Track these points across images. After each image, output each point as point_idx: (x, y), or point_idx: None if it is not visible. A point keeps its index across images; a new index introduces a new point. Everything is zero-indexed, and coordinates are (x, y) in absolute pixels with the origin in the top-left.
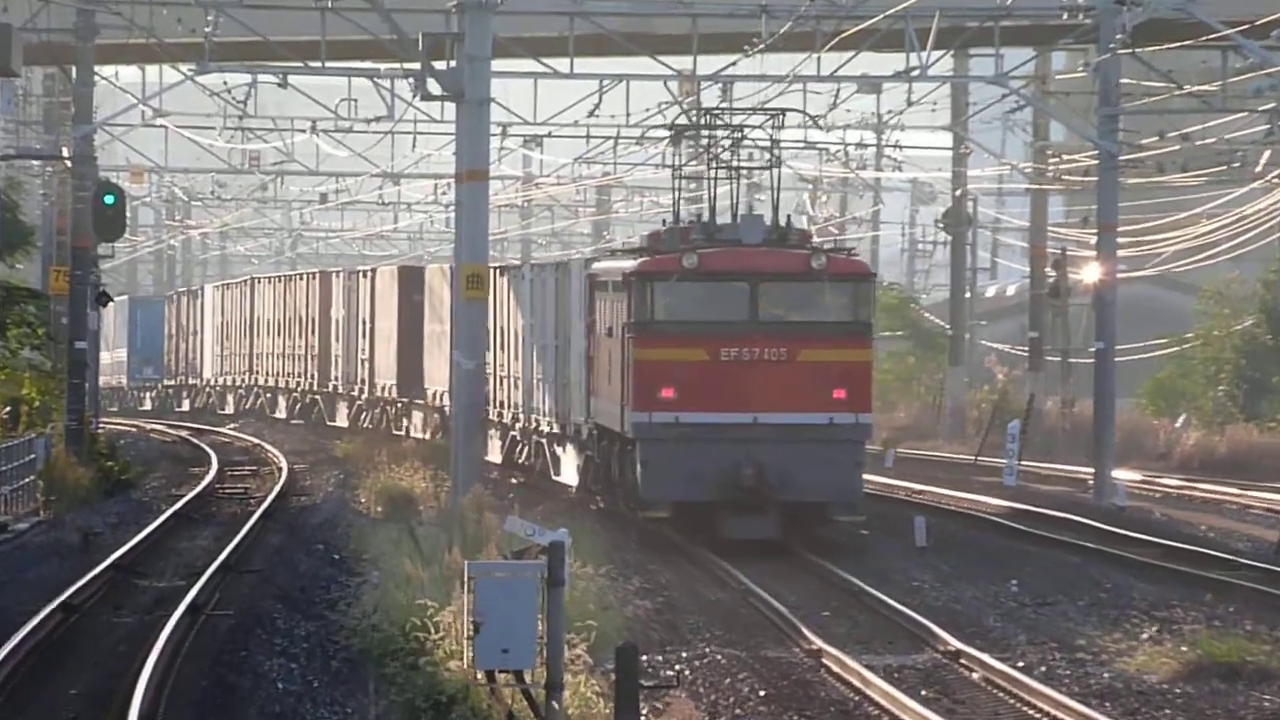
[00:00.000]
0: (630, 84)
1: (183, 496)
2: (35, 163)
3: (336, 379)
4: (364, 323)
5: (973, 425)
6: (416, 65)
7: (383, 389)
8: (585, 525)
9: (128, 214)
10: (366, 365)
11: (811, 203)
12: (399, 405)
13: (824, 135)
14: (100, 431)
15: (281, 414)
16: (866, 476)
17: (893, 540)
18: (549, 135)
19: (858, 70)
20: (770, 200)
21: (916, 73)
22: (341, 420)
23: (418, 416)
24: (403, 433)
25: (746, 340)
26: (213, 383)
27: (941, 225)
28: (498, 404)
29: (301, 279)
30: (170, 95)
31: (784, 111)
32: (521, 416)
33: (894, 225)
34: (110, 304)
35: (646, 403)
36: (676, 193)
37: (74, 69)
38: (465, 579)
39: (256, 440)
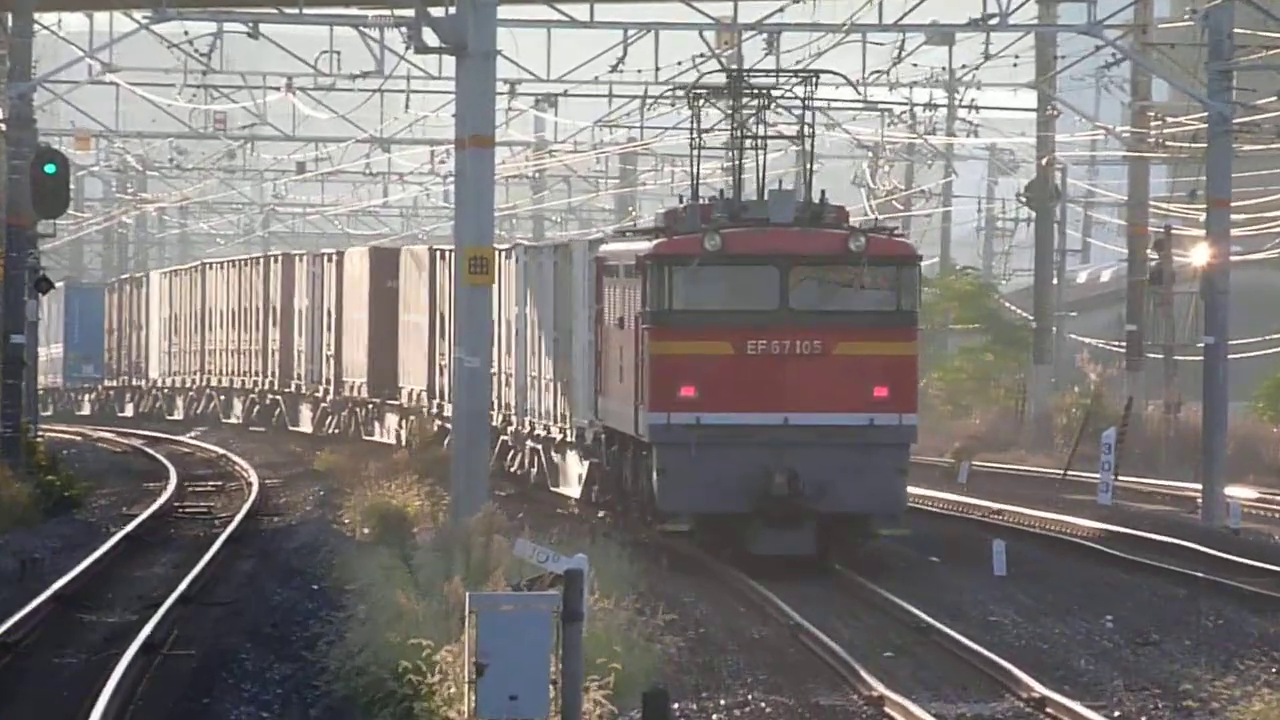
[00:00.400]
0: (659, 34)
1: (136, 516)
2: None
3: (299, 378)
4: (330, 313)
5: (1061, 434)
6: (409, 11)
7: (352, 388)
8: (606, 548)
9: (72, 186)
10: (333, 362)
11: (872, 173)
12: (370, 407)
13: (886, 94)
14: (40, 440)
15: (237, 418)
16: (937, 494)
17: (966, 568)
18: (565, 94)
19: (926, 17)
20: (805, 174)
21: (995, 20)
22: (305, 425)
23: (391, 420)
24: (374, 438)
25: (776, 331)
26: (160, 384)
27: (1024, 199)
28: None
29: (260, 263)
30: (122, 47)
31: (818, 74)
32: (514, 419)
33: (969, 199)
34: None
35: (664, 402)
36: (695, 165)
37: (8, 16)
38: (467, 613)
39: (221, 451)
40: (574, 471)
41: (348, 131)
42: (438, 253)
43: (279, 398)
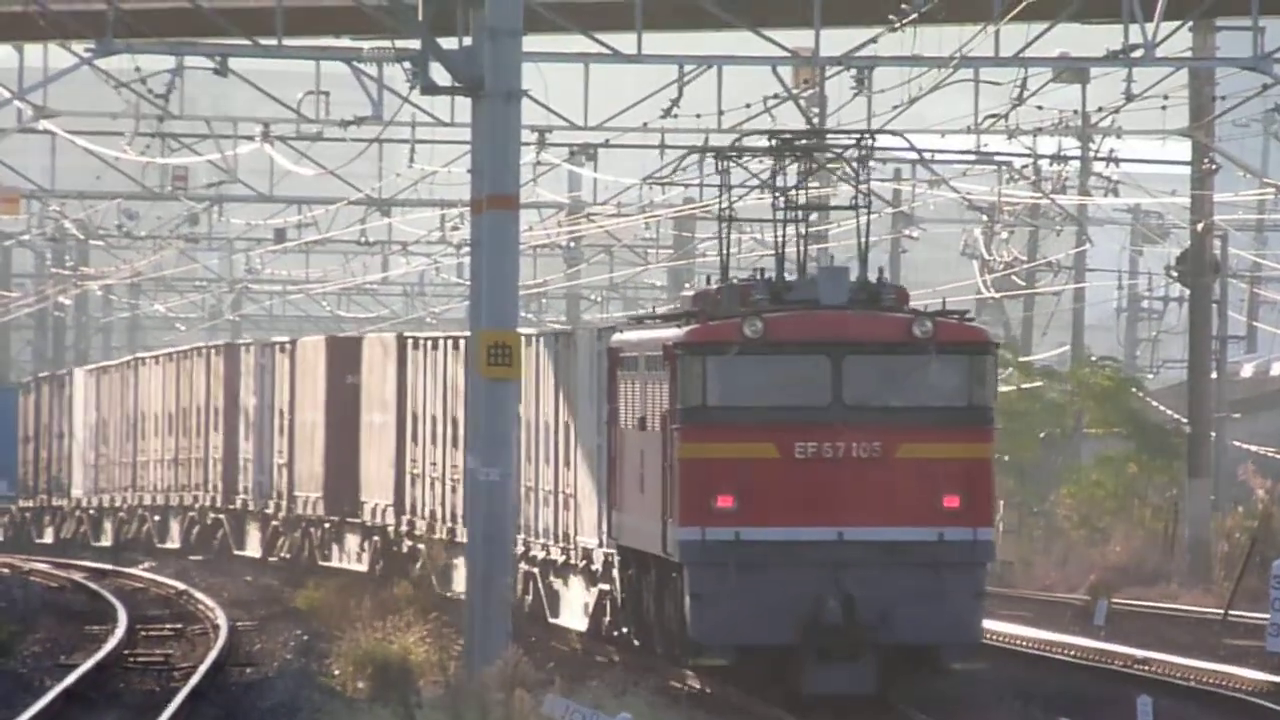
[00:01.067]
0: (723, 70)
1: (76, 666)
2: None
3: (246, 492)
4: (282, 413)
5: (1221, 564)
6: (414, 43)
7: (305, 505)
8: (656, 704)
9: None
10: (285, 472)
11: (986, 241)
12: (326, 527)
13: (1004, 144)
14: None
15: (174, 543)
16: (1067, 639)
17: None
18: (606, 145)
19: (1053, 50)
20: (861, 249)
21: (1139, 53)
22: (253, 549)
23: (351, 542)
24: (332, 563)
25: (829, 431)
26: (84, 504)
27: (1176, 274)
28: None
29: (200, 355)
30: (59, 87)
31: (873, 134)
32: None
33: (1107, 274)
34: None
35: (697, 515)
36: (724, 241)
37: None
38: None
39: (181, 586)
40: (579, 600)
41: (338, 191)
42: (409, 340)
43: (221, 517)
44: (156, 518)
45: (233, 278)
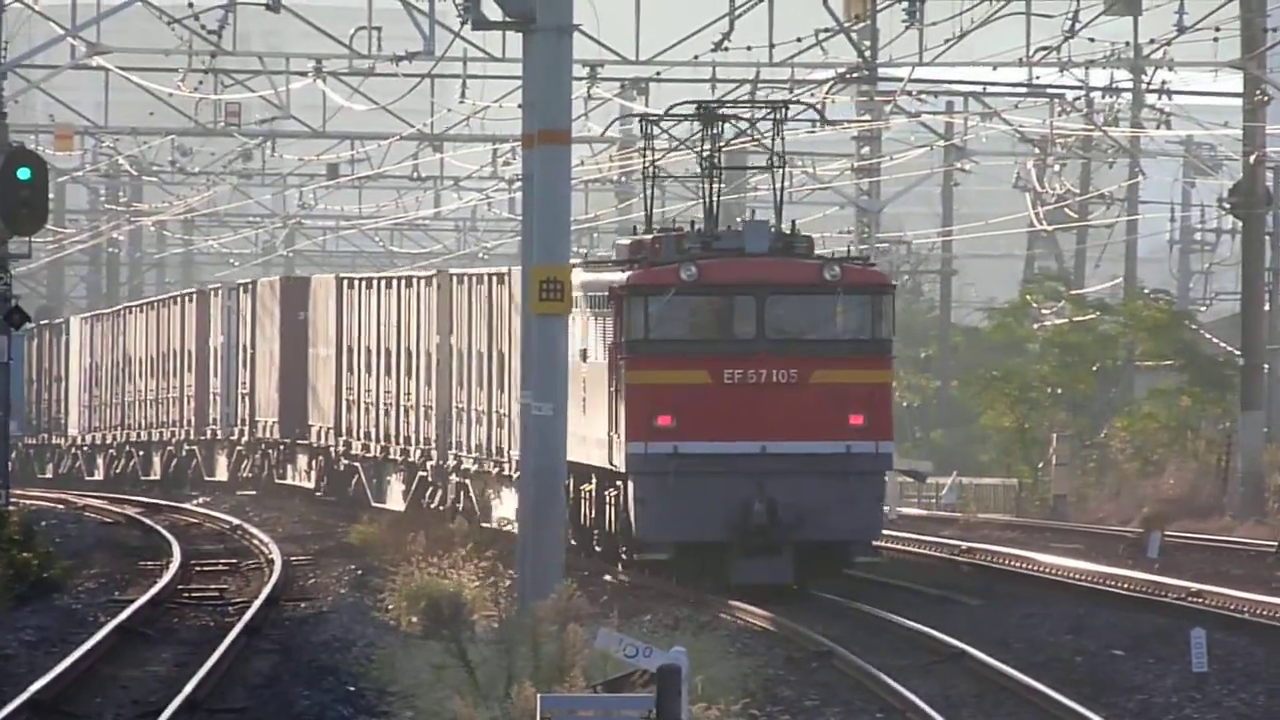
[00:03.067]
0: (774, 3)
1: (130, 602)
2: None
3: (215, 423)
4: (245, 350)
5: (1275, 496)
6: None
7: (264, 429)
8: (710, 640)
9: (51, 195)
10: (247, 401)
11: (1039, 174)
12: (281, 449)
13: (1055, 76)
14: (12, 509)
15: (155, 475)
16: (1120, 571)
17: (1158, 663)
18: (657, 78)
19: None
20: (776, 204)
21: None
22: (221, 474)
23: (302, 461)
24: (286, 480)
25: (753, 360)
26: (79, 441)
27: (1228, 206)
28: (402, 439)
29: (176, 302)
30: (111, 24)
31: (786, 105)
32: (435, 454)
33: (1159, 206)
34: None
35: (642, 432)
36: (649, 196)
37: None
38: None
39: (236, 521)
40: (510, 505)
41: (390, 126)
42: (344, 281)
43: (194, 447)
44: (141, 453)
45: (285, 213)
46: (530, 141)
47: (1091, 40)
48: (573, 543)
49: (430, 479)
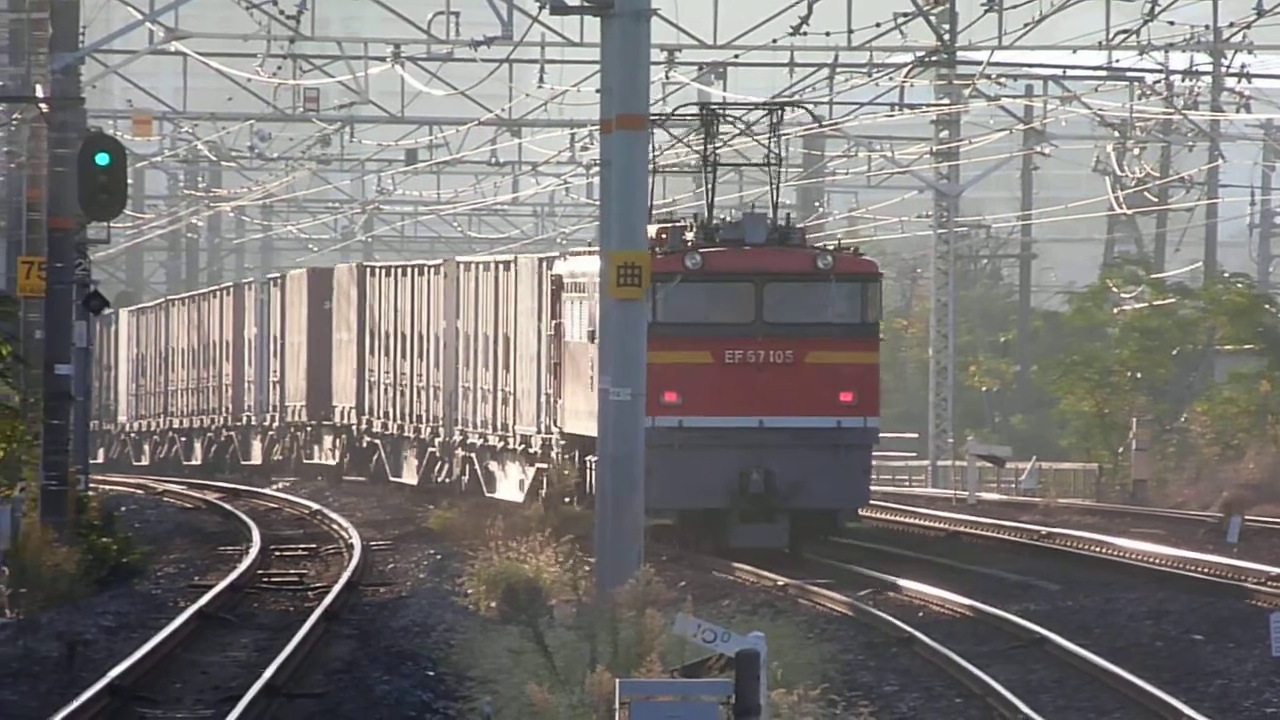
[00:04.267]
0: None
1: (209, 588)
2: None
3: (249, 409)
4: (276, 339)
5: None
6: None
7: (293, 413)
8: (788, 625)
9: (130, 180)
10: (278, 388)
11: (1118, 157)
12: (309, 430)
13: (1135, 60)
14: (92, 495)
15: (197, 460)
16: (1199, 556)
17: (1237, 648)
18: (735, 62)
19: None
20: (774, 198)
21: None
22: (256, 458)
23: (327, 440)
24: (314, 460)
25: (752, 342)
26: (128, 428)
27: None
28: (414, 418)
29: (215, 296)
30: (190, 9)
31: (783, 106)
32: (442, 431)
33: (1239, 189)
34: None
35: (650, 407)
36: (652, 188)
37: None
38: (617, 705)
39: (315, 506)
40: (515, 478)
41: (469, 112)
42: (367, 269)
43: (231, 433)
44: (183, 439)
45: (364, 199)
46: (608, 126)
47: (1171, 23)
48: (576, 508)
49: (439, 454)
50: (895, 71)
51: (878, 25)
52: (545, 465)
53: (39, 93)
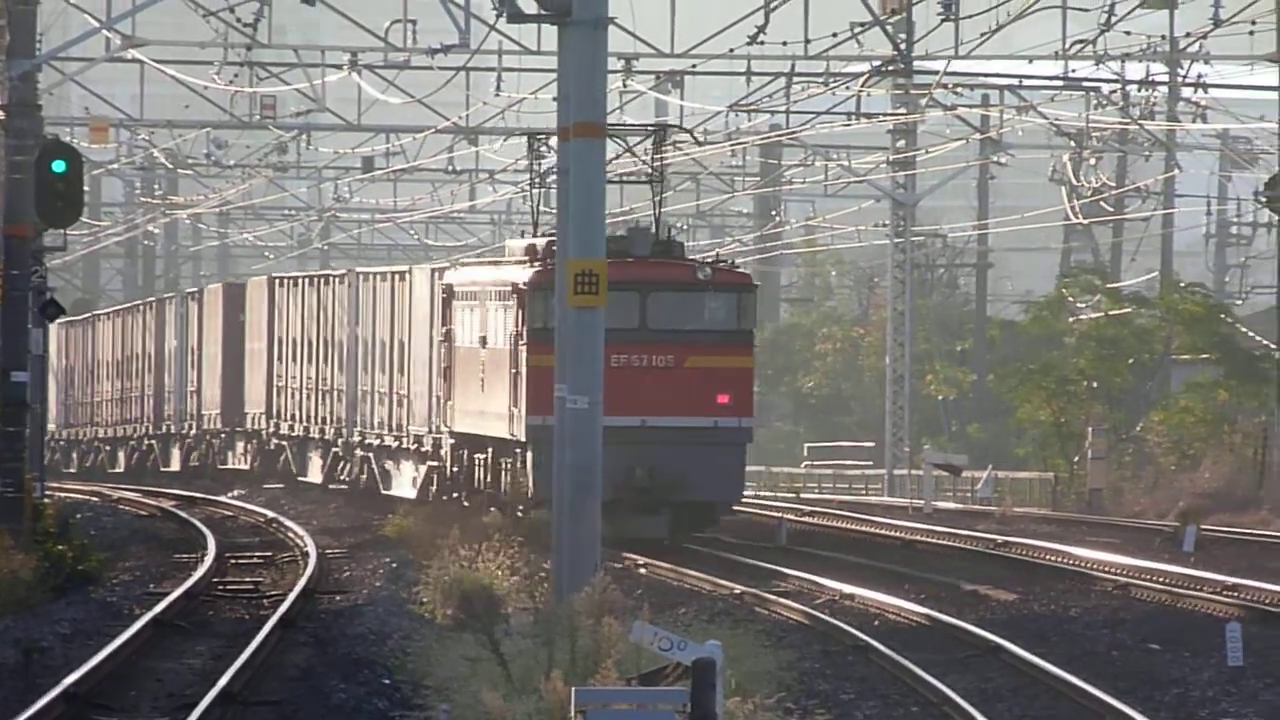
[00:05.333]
0: None
1: (165, 595)
2: None
3: (169, 418)
4: (194, 351)
5: None
6: None
7: (209, 420)
8: (744, 634)
9: (86, 188)
10: (195, 398)
11: (1075, 167)
12: (223, 436)
13: (1091, 69)
14: (48, 501)
15: (121, 468)
16: (1156, 565)
17: (1193, 657)
18: (692, 71)
19: None
20: (656, 212)
21: None
22: (175, 465)
23: (239, 446)
24: (227, 465)
25: (636, 347)
26: (56, 437)
27: (1264, 200)
28: (319, 420)
29: (138, 310)
30: (147, 16)
31: (663, 128)
32: (344, 432)
33: (1196, 200)
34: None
35: (539, 407)
36: (535, 204)
37: None
38: (573, 713)
39: (271, 514)
40: (408, 475)
41: (426, 119)
42: (276, 281)
43: (153, 441)
44: (108, 448)
45: (321, 206)
46: (566, 135)
47: (1128, 33)
48: (465, 504)
49: (341, 454)
50: (852, 81)
51: (834, 35)
52: (436, 463)
53: None
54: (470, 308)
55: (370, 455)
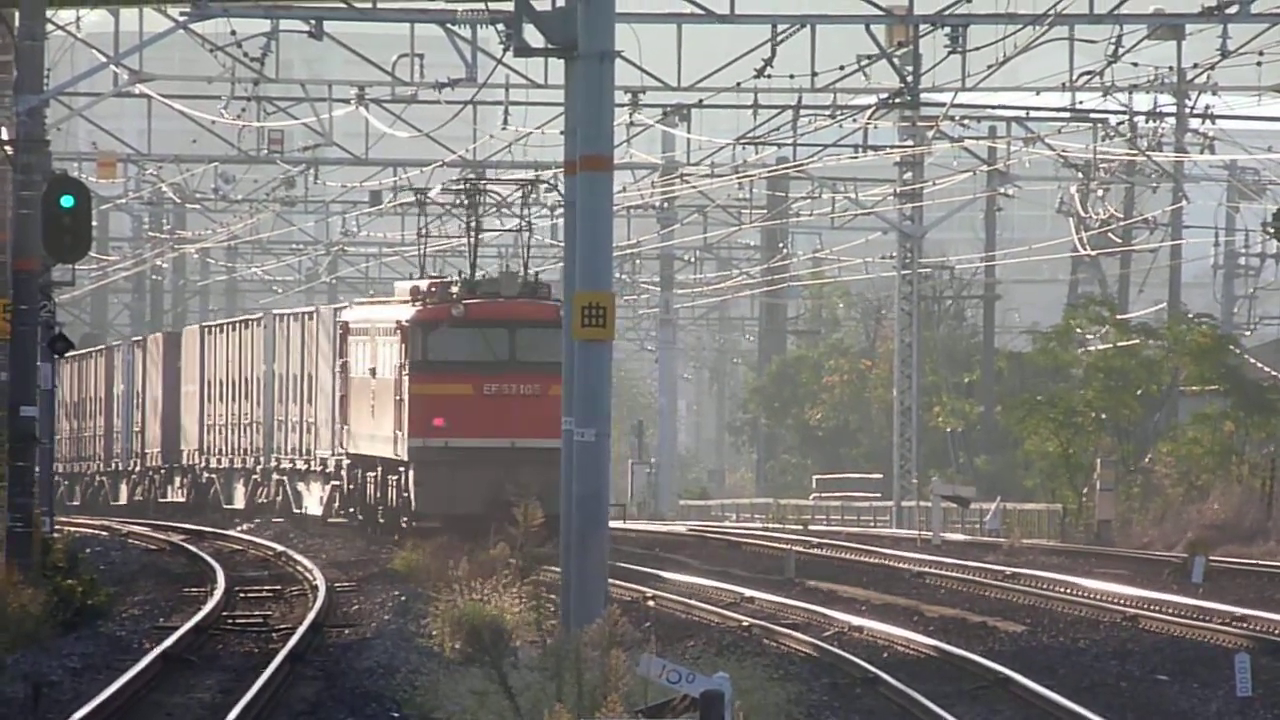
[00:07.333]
0: (816, 29)
1: (174, 629)
2: None
3: (118, 456)
4: (139, 394)
5: None
6: (508, 4)
7: (151, 458)
8: (753, 667)
9: (94, 222)
10: (139, 438)
11: (1082, 199)
12: (163, 472)
13: (1099, 101)
14: (56, 536)
15: (77, 501)
16: (1163, 596)
17: (1202, 688)
18: (699, 105)
19: (1148, 6)
20: (524, 256)
21: (1234, 9)
22: (123, 499)
23: (177, 480)
24: (166, 499)
25: (506, 378)
26: None
27: (1272, 230)
28: (241, 451)
29: (90, 356)
30: (154, 51)
31: (535, 182)
32: (263, 459)
33: (1203, 231)
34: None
35: (421, 430)
36: (422, 251)
37: (14, 14)
38: None
39: (280, 548)
40: (316, 495)
41: (433, 153)
42: (205, 329)
43: (103, 478)
44: (66, 483)
45: (329, 240)
46: (573, 168)
47: (1135, 65)
48: (359, 519)
49: (260, 480)
50: (859, 113)
51: (841, 68)
52: (338, 482)
53: (3, 135)
54: (363, 343)
55: (285, 479)
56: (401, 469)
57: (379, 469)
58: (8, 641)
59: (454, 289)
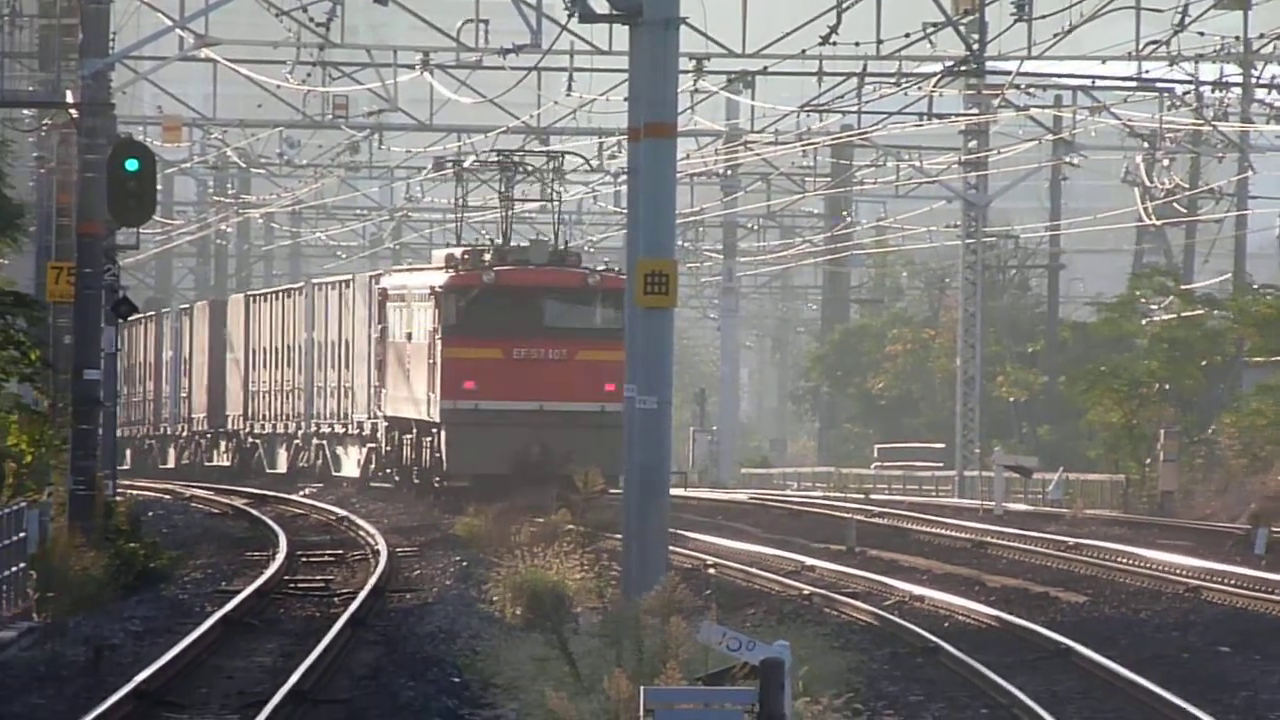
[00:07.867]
0: None
1: (236, 593)
2: (26, 112)
3: (166, 421)
4: (186, 360)
5: None
6: None
7: (197, 423)
8: (813, 635)
9: (159, 186)
10: (186, 403)
11: (1147, 168)
12: (209, 437)
13: (1165, 70)
14: (119, 500)
15: (126, 465)
16: (1226, 568)
17: (1264, 660)
18: (764, 72)
19: None
20: (555, 225)
21: None
22: (170, 462)
23: (222, 445)
24: (212, 463)
25: (534, 342)
26: None
27: None
28: (284, 417)
29: (140, 323)
30: (220, 16)
31: (563, 154)
32: (304, 424)
33: (1269, 201)
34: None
35: (453, 392)
36: (459, 222)
37: None
38: (641, 713)
39: (342, 513)
40: (353, 458)
41: (497, 119)
42: (250, 298)
43: (153, 441)
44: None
45: (393, 206)
46: (636, 135)
47: (1201, 34)
48: (396, 479)
49: (301, 444)
50: (924, 81)
51: (907, 35)
52: (374, 445)
53: (69, 98)
54: (399, 308)
55: (324, 443)
56: (434, 430)
57: (414, 431)
58: (69, 604)
59: (486, 256)
